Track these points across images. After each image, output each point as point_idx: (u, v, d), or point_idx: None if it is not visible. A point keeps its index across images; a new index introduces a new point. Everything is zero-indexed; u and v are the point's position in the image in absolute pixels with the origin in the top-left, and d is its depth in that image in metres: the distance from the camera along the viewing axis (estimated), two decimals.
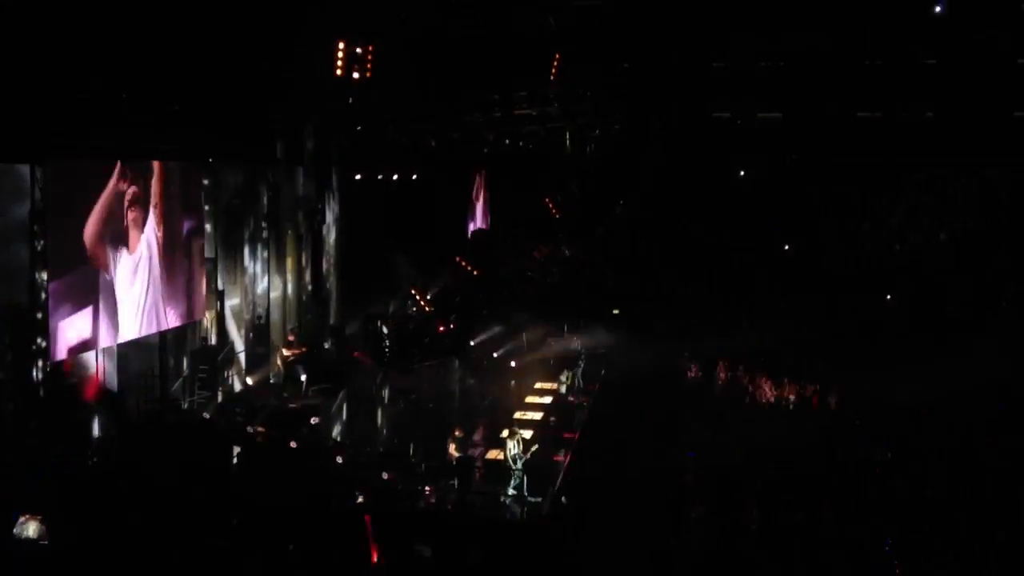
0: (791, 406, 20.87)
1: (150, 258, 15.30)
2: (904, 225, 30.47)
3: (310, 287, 21.05)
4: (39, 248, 12.83)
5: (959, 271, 27.29)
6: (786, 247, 30.67)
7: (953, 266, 27.66)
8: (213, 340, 17.67)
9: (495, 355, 23.83)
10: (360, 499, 15.21)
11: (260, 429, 15.65)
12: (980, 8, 34.60)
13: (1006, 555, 13.42)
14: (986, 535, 13.95)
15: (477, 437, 18.05)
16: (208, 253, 17.22)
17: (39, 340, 12.90)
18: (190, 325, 16.89)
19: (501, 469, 15.79)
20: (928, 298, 26.66)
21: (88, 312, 13.81)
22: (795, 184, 34.40)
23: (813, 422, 19.65)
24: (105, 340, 14.30)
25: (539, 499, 15.29)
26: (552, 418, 19.93)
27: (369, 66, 17.30)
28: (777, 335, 25.81)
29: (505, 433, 16.19)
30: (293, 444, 15.55)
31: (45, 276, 12.90)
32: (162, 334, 15.93)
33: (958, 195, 31.25)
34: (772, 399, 21.32)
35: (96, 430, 14.10)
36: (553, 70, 27.23)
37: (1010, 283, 26.28)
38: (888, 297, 26.96)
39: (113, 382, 14.87)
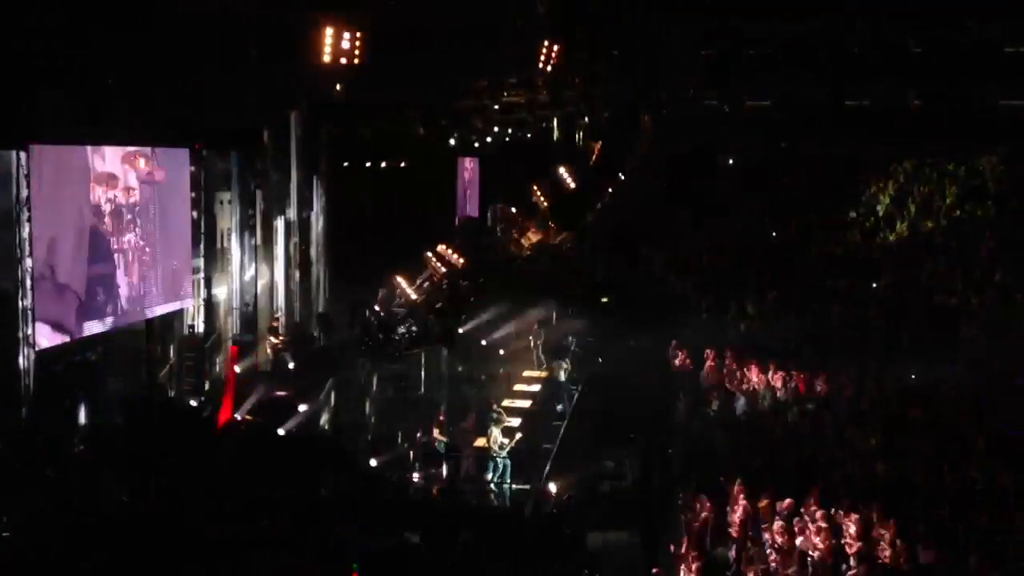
0: (778, 392, 20.89)
1: (136, 245, 15.23)
2: (891, 212, 30.57)
3: (297, 275, 21.00)
4: (24, 234, 12.75)
5: (946, 259, 27.39)
6: (773, 234, 30.75)
7: (940, 254, 27.77)
8: (200, 328, 17.62)
9: (483, 343, 23.84)
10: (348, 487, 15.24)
11: (247, 417, 15.63)
12: None
13: (990, 541, 13.52)
14: (970, 521, 14.04)
15: (465, 424, 18.07)
16: (195, 240, 17.15)
17: (24, 327, 12.84)
18: (177, 313, 16.83)
19: (487, 457, 15.84)
20: (915, 285, 26.76)
21: (74, 299, 13.74)
22: (783, 171, 34.52)
23: (800, 408, 19.69)
24: (91, 327, 14.23)
25: (526, 487, 15.35)
26: (541, 406, 20.00)
27: (358, 53, 17.25)
28: (765, 322, 25.89)
29: (492, 421, 16.23)
30: (281, 432, 15.55)
31: (30, 263, 12.82)
32: (149, 321, 15.88)
33: (945, 183, 31.41)
34: (759, 386, 21.35)
35: (83, 418, 14.06)
36: (542, 57, 27.22)
37: (997, 270, 26.38)
38: (875, 285, 27.05)
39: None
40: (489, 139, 29.29)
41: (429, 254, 22.60)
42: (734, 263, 29.02)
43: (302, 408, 16.74)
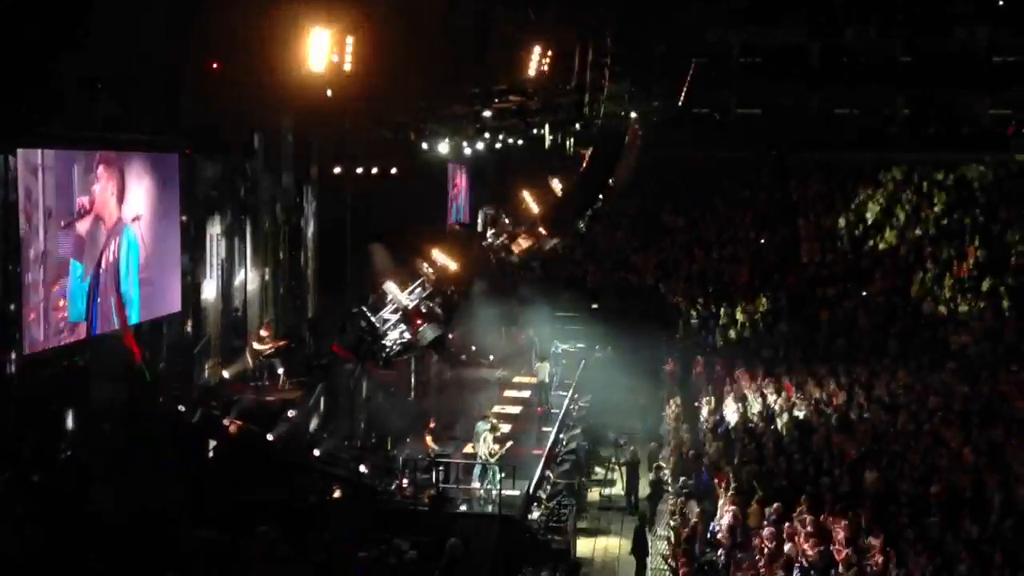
0: (767, 399, 20.95)
1: (126, 250, 15.19)
2: (880, 220, 30.71)
3: (288, 280, 20.97)
4: (12, 239, 12.68)
5: (935, 267, 27.53)
6: (762, 240, 30.88)
7: (928, 261, 27.91)
8: (189, 333, 17.56)
9: (474, 348, 23.85)
10: (337, 493, 15.23)
11: (237, 422, 15.58)
12: (957, 5, 35.12)
13: (977, 548, 13.56)
14: (958, 528, 14.08)
15: (455, 431, 18.07)
16: (184, 245, 17.10)
17: (12, 333, 12.77)
18: (165, 318, 16.77)
19: (477, 463, 15.83)
20: (903, 293, 26.89)
21: (63, 304, 13.69)
22: (773, 179, 34.67)
23: (789, 414, 19.75)
24: (80, 332, 14.18)
25: (516, 493, 15.34)
26: (531, 410, 20.02)
27: (349, 59, 17.23)
28: (754, 329, 25.96)
29: (482, 426, 16.22)
30: (270, 438, 15.52)
31: (19, 268, 12.76)
32: (137, 326, 15.82)
33: (934, 191, 31.58)
34: (749, 393, 21.40)
35: (70, 423, 13.99)
36: (533, 64, 27.30)
37: (985, 278, 26.52)
38: (864, 293, 27.17)
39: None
40: (480, 146, 29.30)
41: (421, 260, 22.59)
42: (725, 270, 29.13)
43: (291, 414, 16.69)
